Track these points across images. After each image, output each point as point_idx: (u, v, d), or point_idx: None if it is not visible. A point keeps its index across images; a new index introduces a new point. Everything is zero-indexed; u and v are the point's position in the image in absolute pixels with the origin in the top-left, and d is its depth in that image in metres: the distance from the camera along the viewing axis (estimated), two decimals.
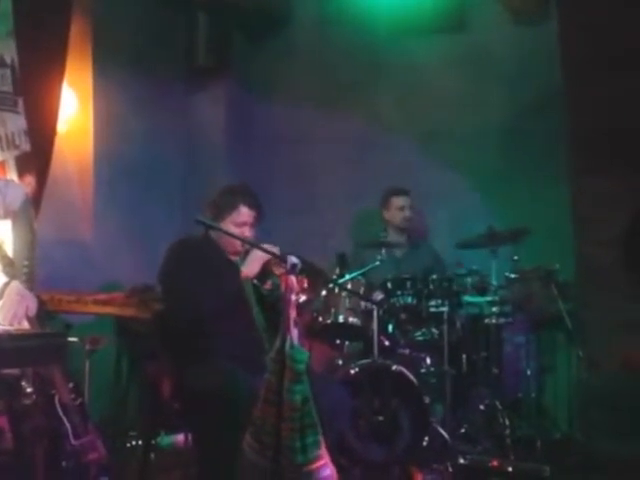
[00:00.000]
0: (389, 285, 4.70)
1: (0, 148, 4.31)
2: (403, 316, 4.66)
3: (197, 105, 6.20)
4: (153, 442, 4.12)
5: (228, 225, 3.61)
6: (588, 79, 4.85)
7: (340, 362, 4.69)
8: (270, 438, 2.91)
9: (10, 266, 3.09)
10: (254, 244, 3.44)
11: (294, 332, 2.95)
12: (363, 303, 4.51)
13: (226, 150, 6.22)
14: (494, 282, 4.73)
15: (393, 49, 5.81)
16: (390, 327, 4.67)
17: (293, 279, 2.96)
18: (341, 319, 4.49)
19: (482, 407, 4.65)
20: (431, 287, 4.67)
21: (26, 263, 3.23)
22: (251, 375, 3.25)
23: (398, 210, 5.26)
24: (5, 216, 3.32)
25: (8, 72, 4.39)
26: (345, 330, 4.62)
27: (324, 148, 6.05)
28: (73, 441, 3.40)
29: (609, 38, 4.71)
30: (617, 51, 4.69)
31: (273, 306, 3.51)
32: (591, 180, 4.84)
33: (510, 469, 4.19)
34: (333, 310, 4.51)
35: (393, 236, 5.22)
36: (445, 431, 4.34)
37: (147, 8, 5.75)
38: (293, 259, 2.99)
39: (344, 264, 4.68)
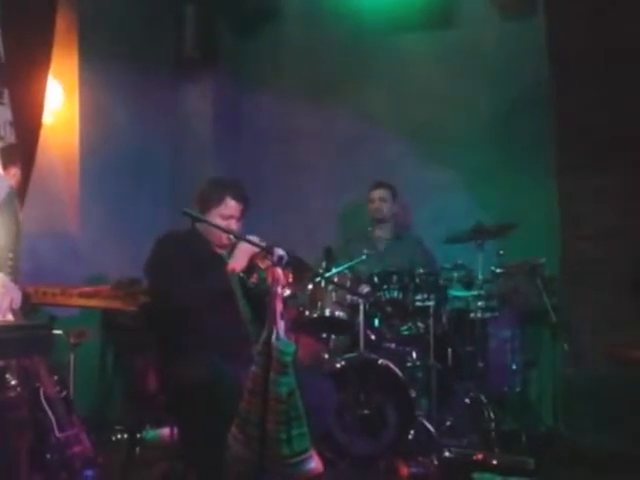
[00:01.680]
0: (375, 279, 4.71)
1: None
2: (389, 310, 4.67)
3: (184, 98, 6.18)
4: (138, 435, 4.12)
5: (215, 217, 3.59)
6: (575, 75, 4.87)
7: (326, 356, 4.70)
8: (256, 430, 2.91)
9: None
10: (241, 237, 3.43)
11: (280, 324, 2.96)
12: (349, 297, 4.51)
13: (213, 143, 6.19)
14: (480, 276, 4.74)
15: (381, 44, 5.82)
16: (376, 321, 4.68)
17: (280, 271, 2.96)
18: (327, 313, 4.49)
19: (467, 401, 4.66)
20: (417, 281, 4.68)
21: (11, 255, 3.20)
22: (237, 368, 3.24)
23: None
24: None
25: None
26: (331, 324, 4.61)
27: (311, 142, 6.05)
28: (58, 434, 3.39)
29: (595, 33, 4.73)
30: (605, 46, 4.72)
31: (259, 299, 3.50)
32: (578, 176, 4.87)
33: (495, 462, 4.20)
34: (319, 304, 4.50)
35: (377, 230, 5.26)
36: (431, 425, 4.35)
37: None
38: (280, 251, 3.00)
39: (331, 258, 4.68)
